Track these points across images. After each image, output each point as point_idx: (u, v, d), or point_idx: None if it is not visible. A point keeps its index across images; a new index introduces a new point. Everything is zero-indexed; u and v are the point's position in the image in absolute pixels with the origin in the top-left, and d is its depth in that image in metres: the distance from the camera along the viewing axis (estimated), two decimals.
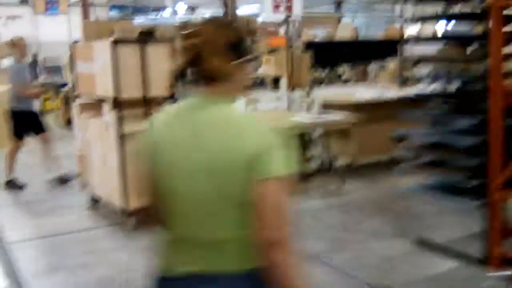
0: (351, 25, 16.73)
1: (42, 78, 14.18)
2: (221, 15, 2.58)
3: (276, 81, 11.02)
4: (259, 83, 12.75)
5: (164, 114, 1.87)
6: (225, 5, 14.72)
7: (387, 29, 16.76)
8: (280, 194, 1.67)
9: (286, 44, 10.05)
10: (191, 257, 1.76)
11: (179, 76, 1.76)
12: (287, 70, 9.78)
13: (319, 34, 17.05)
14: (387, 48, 9.59)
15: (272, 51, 11.72)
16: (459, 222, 5.24)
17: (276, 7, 11.54)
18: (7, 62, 9.77)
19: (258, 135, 1.70)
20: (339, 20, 18.65)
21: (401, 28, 9.45)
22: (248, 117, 1.80)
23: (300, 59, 9.75)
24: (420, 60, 5.05)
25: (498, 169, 4.19)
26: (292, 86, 10.02)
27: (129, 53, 5.23)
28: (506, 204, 4.34)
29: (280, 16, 11.60)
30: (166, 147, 1.78)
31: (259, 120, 1.76)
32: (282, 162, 1.67)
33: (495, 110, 4.17)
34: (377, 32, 17.73)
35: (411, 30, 9.56)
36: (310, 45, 9.45)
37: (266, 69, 11.13)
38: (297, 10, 11.31)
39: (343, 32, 15.43)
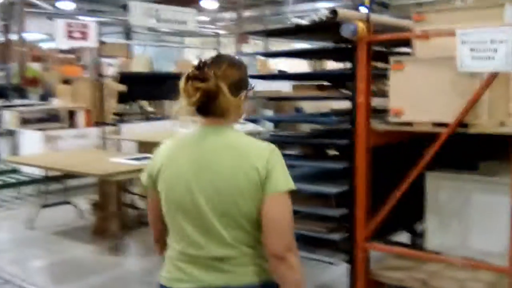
0: (145, 57, 16.14)
1: None
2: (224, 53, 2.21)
3: (73, 115, 9.89)
4: (52, 117, 11.41)
5: (169, 145, 2.02)
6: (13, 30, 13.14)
7: (177, 62, 16.49)
8: (285, 207, 1.88)
9: (90, 74, 9.04)
10: (200, 273, 1.91)
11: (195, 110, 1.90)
12: (91, 103, 8.78)
13: (112, 64, 16.17)
14: None
15: (67, 81, 10.57)
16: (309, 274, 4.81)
17: (70, 34, 10.43)
18: None
19: (263, 154, 1.88)
20: (129, 50, 17.93)
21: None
22: (252, 140, 1.95)
23: (106, 91, 8.80)
24: (272, 99, 4.54)
25: (363, 220, 3.80)
26: (94, 122, 9.03)
27: None
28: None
29: (75, 43, 10.53)
30: (175, 175, 1.92)
31: (261, 141, 1.95)
32: (285, 178, 1.88)
33: (361, 153, 3.79)
34: (169, 64, 17.35)
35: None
36: (123, 77, 8.54)
37: (62, 101, 9.93)
38: (93, 38, 10.33)
39: (138, 64, 14.76)
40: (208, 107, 1.89)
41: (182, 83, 1.88)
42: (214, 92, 1.85)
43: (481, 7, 3.95)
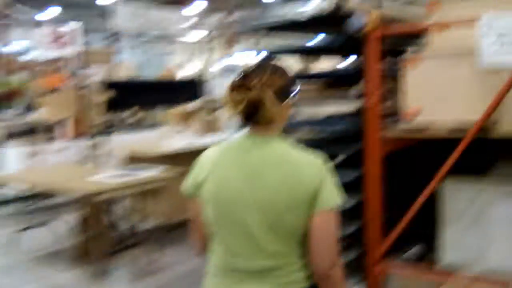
0: (130, 63, 15.74)
1: None
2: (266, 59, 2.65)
3: (58, 126, 9.42)
4: (37, 129, 10.91)
5: (212, 153, 1.98)
6: None
7: (164, 68, 16.09)
8: (333, 224, 1.85)
9: (74, 83, 8.58)
10: (247, 285, 1.89)
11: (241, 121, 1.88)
12: (75, 114, 8.31)
13: (97, 72, 15.70)
14: (187, 88, 8.58)
15: (53, 91, 10.14)
16: None
17: (54, 41, 9.99)
18: None
19: (314, 169, 1.84)
20: (114, 57, 17.49)
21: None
22: (301, 153, 1.89)
23: (91, 100, 8.34)
24: None
25: (378, 236, 3.37)
26: (79, 133, 8.57)
27: None
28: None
29: (59, 51, 10.10)
30: (222, 184, 1.88)
31: (311, 154, 1.89)
32: (334, 193, 1.85)
33: (373, 162, 3.36)
34: (155, 71, 16.97)
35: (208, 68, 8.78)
36: (109, 85, 8.04)
37: (45, 112, 9.49)
38: (77, 45, 9.90)
39: (124, 71, 14.34)
40: (254, 116, 1.84)
41: (227, 92, 1.85)
42: (259, 101, 1.80)
43: None
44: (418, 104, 3.27)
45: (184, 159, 6.26)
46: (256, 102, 1.80)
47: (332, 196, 1.84)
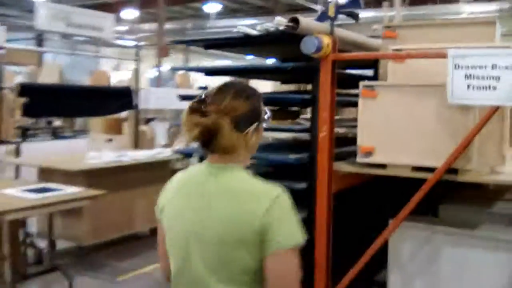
0: (57, 66, 14.97)
1: None
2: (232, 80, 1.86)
3: None
4: None
5: (177, 180, 1.85)
6: None
7: (93, 73, 15.42)
8: (294, 265, 1.64)
9: None
10: None
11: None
12: None
13: (19, 72, 14.89)
14: (117, 96, 8.00)
15: None
16: None
17: None
18: None
19: (269, 201, 1.63)
20: (40, 58, 16.61)
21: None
22: (258, 184, 1.70)
23: (8, 103, 7.66)
24: None
25: (325, 284, 3.03)
26: None
27: None
28: None
29: None
30: (177, 215, 1.77)
31: (270, 185, 1.68)
32: (294, 230, 1.63)
33: (322, 201, 3.01)
34: (82, 75, 16.25)
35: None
36: (24, 88, 7.35)
37: None
38: None
39: (48, 74, 13.62)
40: (210, 144, 1.68)
41: (184, 115, 1.70)
42: (214, 129, 1.65)
43: (464, 24, 3.32)
44: (372, 140, 2.98)
45: (106, 176, 5.76)
46: (211, 129, 1.65)
47: (291, 233, 1.61)
